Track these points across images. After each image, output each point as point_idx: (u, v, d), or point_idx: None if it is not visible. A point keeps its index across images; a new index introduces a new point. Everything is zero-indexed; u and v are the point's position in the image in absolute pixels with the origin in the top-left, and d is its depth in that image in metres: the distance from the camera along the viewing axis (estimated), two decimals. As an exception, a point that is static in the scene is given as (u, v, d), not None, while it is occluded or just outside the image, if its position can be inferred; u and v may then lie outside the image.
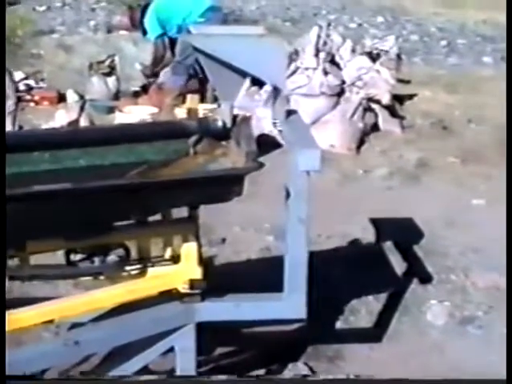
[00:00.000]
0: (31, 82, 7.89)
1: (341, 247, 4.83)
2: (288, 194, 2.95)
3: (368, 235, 4.97)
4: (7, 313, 2.82)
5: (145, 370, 3.11)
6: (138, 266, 3.01)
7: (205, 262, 3.09)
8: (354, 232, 4.99)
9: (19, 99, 6.71)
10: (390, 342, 3.90)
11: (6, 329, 2.84)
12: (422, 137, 7.06)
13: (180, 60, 7.46)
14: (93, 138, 3.08)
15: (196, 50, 3.07)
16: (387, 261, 4.64)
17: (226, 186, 2.82)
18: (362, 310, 4.14)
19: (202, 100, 6.40)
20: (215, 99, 6.52)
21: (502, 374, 2.40)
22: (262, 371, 3.60)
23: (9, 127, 6.18)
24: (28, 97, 7.53)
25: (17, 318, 2.84)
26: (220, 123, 3.05)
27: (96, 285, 3.12)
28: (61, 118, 6.31)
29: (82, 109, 6.46)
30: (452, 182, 5.96)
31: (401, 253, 4.71)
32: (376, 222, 5.09)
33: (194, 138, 3.04)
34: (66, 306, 2.93)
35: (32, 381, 2.31)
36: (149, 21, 7.62)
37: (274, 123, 5.88)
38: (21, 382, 2.22)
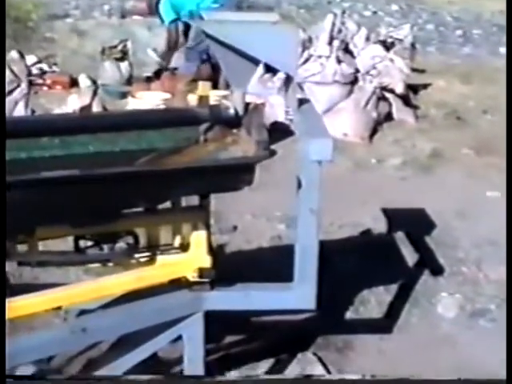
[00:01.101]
0: (44, 66, 7.88)
1: (352, 237, 4.80)
2: (299, 184, 2.91)
3: (380, 225, 4.94)
4: (16, 298, 2.82)
5: (154, 357, 3.10)
6: (147, 254, 2.99)
7: (214, 251, 3.07)
8: (365, 222, 4.96)
9: (31, 83, 6.69)
10: (401, 334, 3.88)
11: (15, 315, 2.85)
12: (436, 127, 7.02)
13: (193, 45, 7.44)
14: (102, 124, 3.05)
15: (208, 36, 3.03)
16: (398, 251, 4.61)
17: (236, 175, 2.79)
18: (373, 301, 4.12)
19: (215, 86, 6.36)
20: (228, 86, 6.48)
21: (503, 374, 2.36)
22: (271, 361, 3.59)
23: (21, 111, 6.18)
24: (40, 81, 7.52)
25: (26, 304, 2.83)
26: (232, 111, 3.01)
27: (106, 271, 3.11)
28: (73, 103, 6.29)
29: (94, 94, 6.44)
30: (466, 173, 5.91)
31: (412, 244, 4.68)
32: (388, 212, 5.07)
33: (204, 126, 3.01)
34: (74, 293, 2.92)
35: (32, 381, 2.29)
36: (163, 6, 7.60)
37: (287, 111, 5.86)
38: (21, 382, 2.20)
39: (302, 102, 3.10)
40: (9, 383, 2.08)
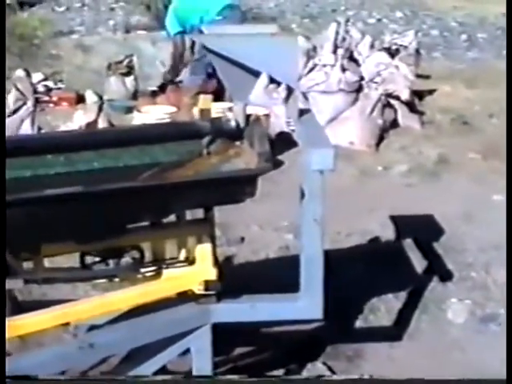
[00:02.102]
0: (50, 83, 7.92)
1: (360, 245, 4.80)
2: (303, 194, 2.92)
3: (388, 232, 4.94)
4: (24, 315, 2.84)
5: (163, 370, 3.11)
6: (153, 268, 3.00)
7: (220, 263, 3.08)
8: (373, 229, 4.96)
9: (38, 100, 6.72)
10: (411, 341, 3.87)
11: (23, 332, 2.86)
12: (442, 133, 7.01)
13: (198, 58, 7.45)
14: (106, 141, 3.07)
15: (208, 50, 3.05)
16: (407, 258, 4.60)
17: (238, 187, 2.80)
18: (382, 309, 4.11)
19: (220, 99, 6.37)
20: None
21: (504, 374, 2.36)
22: (280, 371, 3.58)
23: (28, 128, 6.21)
24: (47, 98, 7.55)
25: (34, 321, 2.84)
26: (233, 123, 3.03)
27: (113, 286, 3.12)
28: (79, 119, 6.32)
29: (100, 109, 6.46)
30: (473, 178, 5.90)
31: (421, 250, 4.67)
32: (396, 219, 5.06)
33: (207, 139, 3.03)
34: (81, 309, 2.93)
35: (32, 381, 2.30)
36: (168, 20, 7.64)
37: (288, 122, 5.87)
38: (21, 382, 2.22)
39: (303, 112, 3.11)
40: (9, 383, 2.09)
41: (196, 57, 7.55)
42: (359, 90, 6.94)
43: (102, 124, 6.28)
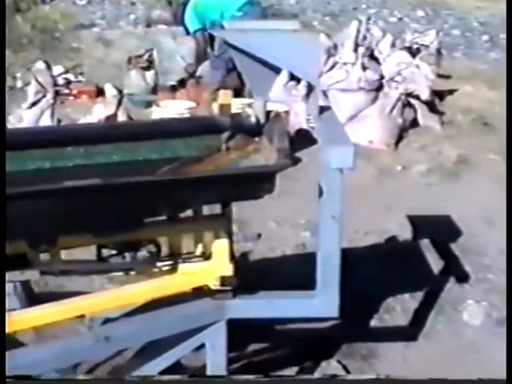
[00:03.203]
0: (70, 76, 7.94)
1: (378, 244, 4.78)
2: (321, 192, 2.91)
3: (405, 232, 4.92)
4: (40, 307, 2.85)
5: (176, 365, 3.11)
6: (169, 263, 2.99)
7: (236, 259, 3.07)
8: (391, 229, 4.94)
9: (58, 93, 6.74)
10: (426, 342, 3.85)
11: (39, 323, 2.87)
12: (462, 133, 6.97)
13: (218, 54, 7.45)
14: (125, 134, 3.07)
15: (229, 45, 3.04)
16: (424, 258, 4.58)
17: (257, 183, 2.79)
18: (398, 308, 4.10)
19: (239, 95, 6.36)
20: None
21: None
22: (294, 369, 3.58)
23: (47, 121, 6.22)
24: (67, 91, 7.57)
25: (49, 313, 2.85)
26: (253, 119, 3.02)
27: (129, 280, 3.13)
28: (99, 112, 6.33)
29: (119, 103, 6.47)
30: (493, 179, 5.86)
31: (438, 250, 4.65)
32: (413, 219, 5.04)
33: (226, 134, 3.02)
34: (97, 302, 2.93)
35: (32, 381, 2.30)
36: (187, 16, 7.64)
37: (308, 119, 5.85)
38: (21, 382, 2.22)
39: (323, 109, 3.10)
40: (9, 383, 2.10)
41: (216, 52, 7.54)
42: (379, 88, 6.91)
43: (121, 118, 6.29)
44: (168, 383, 2.26)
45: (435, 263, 4.51)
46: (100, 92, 7.53)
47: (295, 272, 4.05)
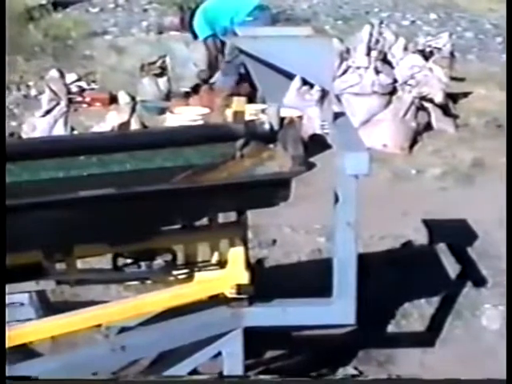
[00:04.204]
0: (83, 84, 7.95)
1: (393, 249, 4.76)
2: (336, 198, 2.90)
3: (421, 236, 4.89)
4: (56, 317, 2.84)
5: (194, 373, 3.10)
6: (185, 271, 2.99)
7: (252, 267, 3.06)
8: (406, 233, 4.92)
9: (71, 101, 6.75)
10: (443, 347, 3.83)
11: (55, 333, 2.87)
12: (477, 136, 6.93)
13: (230, 60, 7.44)
14: (139, 142, 3.07)
15: (242, 51, 3.04)
16: (440, 263, 4.55)
17: (272, 190, 2.78)
18: (415, 314, 4.07)
19: (251, 101, 6.36)
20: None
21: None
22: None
23: (61, 129, 6.23)
24: (80, 98, 7.58)
25: (66, 322, 2.85)
26: (267, 126, 3.01)
27: (145, 288, 3.12)
28: (112, 120, 6.33)
29: (133, 110, 6.47)
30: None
31: (454, 255, 4.62)
32: (429, 223, 5.01)
33: (240, 142, 3.01)
34: (113, 311, 2.94)
35: (32, 381, 2.30)
36: (197, 22, 7.64)
37: (322, 125, 5.84)
38: (21, 383, 2.22)
39: (338, 115, 3.09)
40: (9, 383, 2.09)
41: (228, 58, 7.53)
42: (393, 92, 6.89)
43: (134, 125, 6.30)
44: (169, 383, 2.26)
45: (452, 268, 4.49)
46: (113, 99, 7.53)
47: (311, 278, 4.04)
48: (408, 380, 2.24)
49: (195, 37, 7.81)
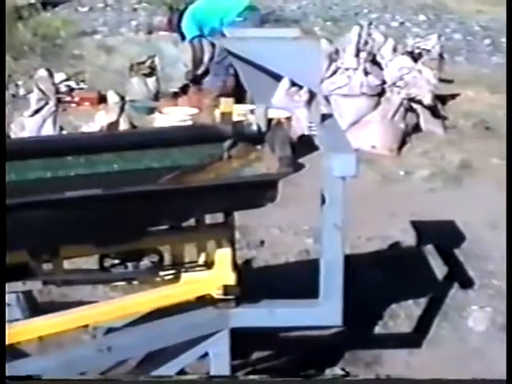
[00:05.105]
0: (72, 83, 7.94)
1: (381, 250, 4.77)
2: (323, 200, 2.90)
3: (408, 238, 4.90)
4: (43, 317, 2.84)
5: (181, 373, 3.10)
6: (172, 272, 2.99)
7: (239, 268, 3.06)
8: (394, 234, 4.93)
9: (60, 100, 6.74)
10: (430, 348, 3.84)
11: (42, 333, 2.86)
12: (465, 137, 6.95)
13: (218, 60, 7.44)
14: (127, 143, 3.07)
15: (230, 53, 3.04)
16: (428, 264, 4.56)
17: (259, 192, 2.78)
18: (402, 315, 4.08)
19: (240, 101, 6.36)
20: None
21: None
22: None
23: (50, 128, 6.22)
24: (69, 98, 7.57)
25: (53, 323, 2.84)
26: (255, 127, 3.02)
27: (132, 289, 3.12)
28: (101, 119, 6.33)
29: (121, 110, 6.47)
30: (496, 184, 5.84)
31: (442, 256, 4.63)
32: (417, 225, 5.03)
33: (228, 142, 3.02)
34: (100, 311, 2.93)
35: (32, 381, 2.30)
36: (185, 23, 7.63)
37: (310, 127, 5.85)
38: (21, 382, 2.22)
39: (325, 116, 3.09)
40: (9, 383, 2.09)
41: (217, 59, 7.53)
42: (381, 93, 6.90)
43: (123, 124, 6.29)
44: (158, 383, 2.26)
45: (439, 269, 4.50)
46: (102, 99, 7.52)
47: (298, 279, 4.04)
48: (398, 380, 2.24)
49: (183, 38, 7.81)
